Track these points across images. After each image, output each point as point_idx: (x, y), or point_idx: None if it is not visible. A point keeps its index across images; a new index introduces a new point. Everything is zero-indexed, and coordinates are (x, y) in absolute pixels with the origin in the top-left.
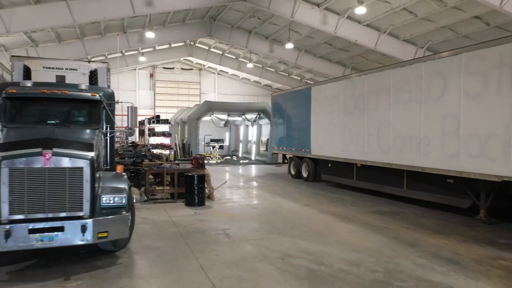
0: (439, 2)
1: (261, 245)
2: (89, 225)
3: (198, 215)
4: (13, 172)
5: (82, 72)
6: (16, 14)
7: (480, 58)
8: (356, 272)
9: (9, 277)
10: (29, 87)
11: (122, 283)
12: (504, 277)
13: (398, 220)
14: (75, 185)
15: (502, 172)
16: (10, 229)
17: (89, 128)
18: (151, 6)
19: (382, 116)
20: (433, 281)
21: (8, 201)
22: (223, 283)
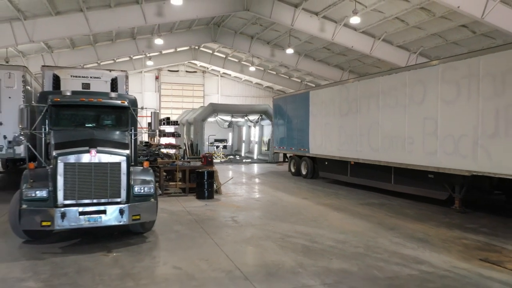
0: (428, 12)
1: (264, 229)
2: (126, 209)
3: (208, 206)
4: (66, 166)
5: (104, 80)
6: (38, 24)
7: (453, 69)
8: (342, 247)
9: (63, 251)
10: (69, 95)
11: (153, 255)
12: (462, 251)
13: (384, 210)
14: (115, 177)
15: (471, 167)
16: (65, 212)
17: (119, 130)
18: (162, 16)
19: (372, 118)
20: (403, 253)
21: (63, 189)
22: (235, 254)
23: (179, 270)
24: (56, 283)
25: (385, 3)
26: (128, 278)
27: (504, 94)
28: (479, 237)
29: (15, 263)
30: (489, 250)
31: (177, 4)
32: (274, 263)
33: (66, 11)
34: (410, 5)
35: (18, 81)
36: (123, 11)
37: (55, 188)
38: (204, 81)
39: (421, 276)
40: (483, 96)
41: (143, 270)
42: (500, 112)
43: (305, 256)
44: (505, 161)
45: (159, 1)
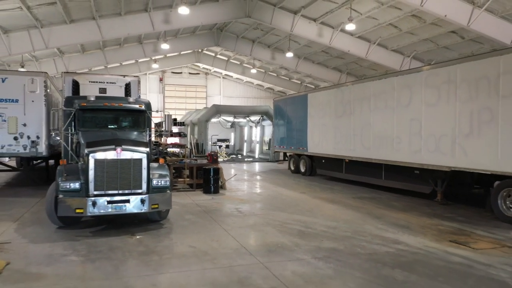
0: (419, 19)
1: (266, 217)
2: (146, 199)
3: (215, 199)
4: (96, 161)
5: (119, 85)
6: (54, 32)
7: (435, 75)
8: (332, 232)
9: (93, 234)
10: (93, 100)
11: (171, 237)
12: (436, 235)
13: (374, 202)
14: (137, 171)
15: (450, 163)
16: (95, 201)
17: (137, 131)
18: (169, 23)
19: (364, 119)
20: (384, 236)
21: (94, 181)
22: (240, 237)
23: (194, 248)
24: (93, 257)
25: (378, 10)
26: (152, 254)
27: (477, 98)
28: (454, 224)
29: (55, 243)
30: (460, 234)
31: (184, 13)
32: (273, 243)
33: (80, 19)
34: (402, 12)
35: (40, 86)
36: (133, 18)
37: (86, 181)
38: (206, 83)
39: (396, 253)
40: (459, 100)
41: (164, 248)
42: (474, 114)
43: (300, 238)
44: (478, 158)
45: (166, 9)
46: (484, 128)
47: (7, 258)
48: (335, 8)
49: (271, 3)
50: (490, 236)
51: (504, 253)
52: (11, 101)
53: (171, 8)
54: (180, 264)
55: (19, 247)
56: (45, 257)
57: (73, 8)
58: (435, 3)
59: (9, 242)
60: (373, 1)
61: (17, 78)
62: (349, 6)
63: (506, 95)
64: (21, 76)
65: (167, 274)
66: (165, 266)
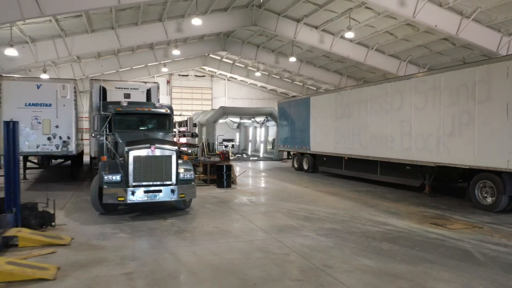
0: (413, 28)
1: (274, 206)
2: (175, 189)
3: (228, 192)
4: (135, 158)
5: (141, 90)
6: (76, 41)
7: (422, 82)
8: (333, 217)
9: (131, 219)
10: (126, 105)
11: (197, 220)
12: (419, 219)
13: (369, 194)
14: (167, 166)
15: (436, 159)
16: (134, 190)
17: (163, 131)
18: (181, 32)
19: (362, 121)
20: (376, 220)
21: (132, 174)
22: (255, 220)
23: (218, 228)
24: (138, 235)
25: (375, 19)
26: (185, 232)
27: (458, 103)
28: (436, 211)
29: (103, 225)
30: (440, 219)
31: (197, 24)
32: (283, 224)
33: (100, 29)
34: (397, 21)
35: (70, 92)
36: (148, 28)
37: (126, 174)
38: (212, 85)
39: (384, 231)
40: (443, 104)
41: (194, 228)
42: (455, 117)
43: (305, 221)
44: (459, 154)
45: (179, 19)
46: (464, 129)
47: (69, 235)
48: (335, 17)
49: (275, 12)
50: (465, 220)
51: (474, 232)
52: (45, 105)
53: (183, 18)
54: (209, 239)
55: (74, 228)
56: (99, 234)
57: (95, 19)
58: (426, 14)
59: (65, 224)
60: (370, 11)
61: (50, 85)
62: (348, 16)
63: (481, 101)
64: (53, 83)
65: (201, 245)
66: (198, 240)
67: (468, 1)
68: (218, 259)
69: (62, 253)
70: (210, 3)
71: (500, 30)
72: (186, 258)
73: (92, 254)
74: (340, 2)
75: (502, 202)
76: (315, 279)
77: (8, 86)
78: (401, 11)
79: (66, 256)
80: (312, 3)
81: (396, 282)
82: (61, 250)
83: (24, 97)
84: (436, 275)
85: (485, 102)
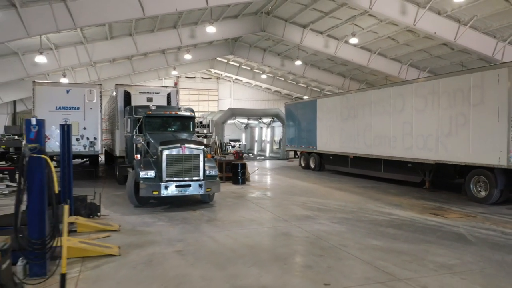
0: (414, 33)
1: (289, 200)
2: (203, 184)
3: (244, 188)
4: (168, 156)
5: (162, 94)
6: (96, 47)
7: (422, 87)
8: (343, 208)
9: (164, 210)
10: (155, 109)
11: (222, 211)
12: (420, 210)
13: (374, 190)
14: (196, 163)
15: (435, 157)
16: (167, 185)
17: (187, 132)
18: (194, 38)
19: (366, 122)
20: (382, 211)
21: (166, 171)
22: (274, 211)
23: (243, 217)
24: (175, 223)
25: (378, 26)
26: (215, 221)
27: (455, 106)
28: (435, 204)
29: (141, 215)
30: (439, 210)
31: (211, 32)
32: (299, 214)
33: (119, 36)
34: (398, 28)
35: (96, 96)
36: (163, 34)
37: (160, 170)
38: (218, 86)
39: (389, 220)
40: (441, 107)
41: (221, 218)
42: (452, 118)
43: (319, 212)
44: (455, 152)
45: (192, 26)
46: (460, 129)
47: (116, 223)
48: (340, 23)
49: (283, 19)
50: (461, 211)
51: (468, 220)
52: (73, 108)
53: (196, 25)
54: (238, 226)
55: (116, 218)
56: (141, 223)
57: (116, 27)
58: (425, 22)
59: (107, 215)
60: (373, 18)
61: (78, 90)
62: (353, 22)
63: (475, 104)
64: (81, 88)
65: (232, 230)
66: (228, 227)
67: (465, 10)
68: (250, 240)
69: (116, 237)
70: (223, 11)
71: (495, 36)
72: (222, 240)
73: (142, 237)
74: (345, 10)
75: (494, 195)
76: (334, 254)
77: (40, 91)
78: (402, 19)
79: (120, 239)
80: (318, 10)
81: (401, 256)
82: (114, 234)
83: (55, 101)
84: (434, 252)
85: (479, 106)
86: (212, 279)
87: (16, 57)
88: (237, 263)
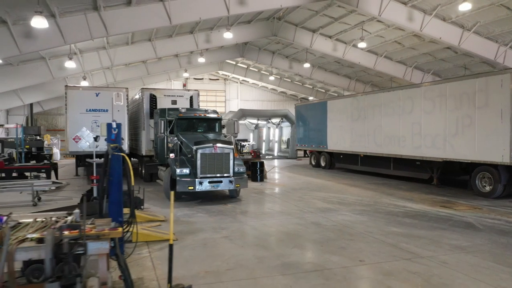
0: (419, 38)
1: (309, 195)
2: (233, 180)
3: (263, 185)
4: (202, 155)
5: (186, 97)
6: (118, 52)
7: (431, 90)
8: (360, 202)
9: (198, 204)
10: (185, 111)
11: (252, 205)
12: (431, 204)
13: (385, 186)
14: (227, 161)
15: (442, 155)
16: (201, 181)
17: (215, 133)
18: (209, 42)
19: (376, 122)
20: (396, 204)
21: (200, 168)
22: (299, 204)
23: (273, 210)
24: (213, 214)
25: (385, 31)
26: (248, 212)
27: (461, 108)
28: (444, 198)
29: (179, 208)
30: (448, 203)
31: (228, 37)
32: (322, 207)
33: (139, 41)
34: (405, 33)
35: (123, 99)
36: (181, 39)
37: (194, 168)
38: (225, 88)
39: (404, 211)
40: (448, 109)
41: (253, 210)
42: (459, 119)
43: (339, 205)
44: (462, 151)
45: (207, 31)
46: (466, 129)
47: (160, 215)
48: (348, 28)
49: (293, 24)
50: (468, 204)
51: (475, 211)
52: (102, 110)
53: (212, 30)
54: (270, 216)
55: (157, 210)
56: (182, 215)
57: (137, 33)
58: (431, 28)
59: (149, 208)
60: (381, 24)
61: (106, 93)
62: (361, 28)
63: (480, 106)
64: (109, 91)
65: (266, 220)
66: (262, 217)
67: (469, 16)
68: (284, 228)
69: (166, 226)
70: (237, 17)
71: (497, 41)
72: (260, 228)
73: (189, 226)
74: (354, 16)
75: (498, 190)
76: (362, 238)
77: (72, 95)
78: (409, 25)
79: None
80: (328, 16)
81: (420, 240)
82: (163, 224)
83: (85, 104)
84: (448, 236)
85: (484, 108)
86: (264, 257)
87: (43, 62)
88: (280, 246)
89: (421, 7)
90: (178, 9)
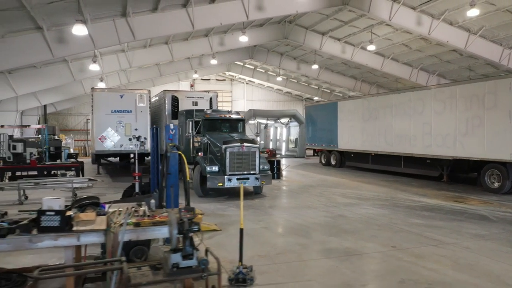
0: (426, 41)
1: (328, 191)
2: (259, 177)
3: (281, 183)
4: (230, 153)
5: (206, 99)
6: (136, 54)
7: (441, 92)
8: (378, 197)
9: (227, 199)
10: (211, 113)
11: (278, 200)
12: (444, 199)
13: (398, 183)
14: (253, 159)
15: (453, 154)
16: (230, 178)
17: (239, 133)
18: (223, 45)
19: (387, 122)
20: (411, 199)
21: (229, 166)
22: (321, 199)
23: (299, 204)
24: (244, 209)
25: (393, 34)
26: (276, 207)
27: (471, 109)
28: (455, 193)
29: (211, 204)
30: (460, 198)
31: (243, 41)
32: (343, 202)
33: (156, 44)
34: (412, 36)
35: (146, 100)
36: (196, 42)
37: (223, 165)
38: (232, 88)
39: (421, 205)
40: (459, 110)
41: (280, 204)
42: (469, 120)
43: (359, 200)
44: (471, 149)
45: (221, 34)
46: (475, 129)
47: None
48: (357, 31)
49: (304, 27)
50: (479, 199)
51: (486, 205)
52: (126, 111)
53: (225, 33)
54: (298, 210)
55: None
56: (216, 209)
57: (156, 37)
58: (439, 32)
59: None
60: (389, 27)
61: (130, 95)
62: (370, 31)
63: (489, 108)
64: (133, 93)
65: (297, 213)
66: (291, 211)
67: (475, 21)
68: (316, 220)
69: (205, 218)
70: (251, 21)
71: (502, 44)
72: (294, 219)
73: (226, 218)
74: (363, 20)
75: (506, 186)
76: (389, 228)
77: (98, 97)
78: (418, 29)
79: (210, 220)
80: (338, 20)
81: (441, 230)
82: (203, 217)
83: (110, 105)
84: (466, 226)
85: (492, 109)
86: (306, 244)
87: (65, 64)
88: (317, 235)
89: (430, 12)
90: (201, 15)
